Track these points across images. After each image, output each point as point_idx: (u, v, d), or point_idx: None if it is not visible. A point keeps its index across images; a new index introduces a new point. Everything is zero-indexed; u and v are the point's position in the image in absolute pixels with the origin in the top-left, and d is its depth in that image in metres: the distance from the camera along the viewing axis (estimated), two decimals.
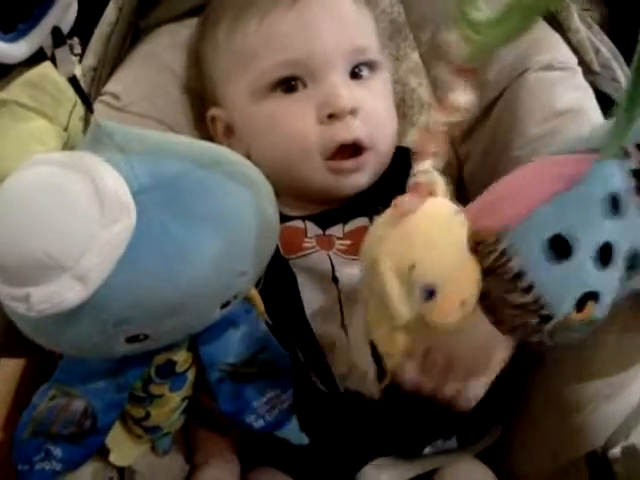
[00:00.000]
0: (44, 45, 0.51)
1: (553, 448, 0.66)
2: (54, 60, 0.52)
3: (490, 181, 0.53)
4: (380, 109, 0.73)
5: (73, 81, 0.51)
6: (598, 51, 0.76)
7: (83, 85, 0.56)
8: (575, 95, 0.73)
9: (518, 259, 0.47)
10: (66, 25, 0.52)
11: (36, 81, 0.56)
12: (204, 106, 0.78)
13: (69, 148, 0.58)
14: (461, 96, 0.48)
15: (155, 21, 0.80)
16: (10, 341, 0.56)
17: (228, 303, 0.55)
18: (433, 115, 0.49)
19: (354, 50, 0.72)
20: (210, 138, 0.76)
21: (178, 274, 0.49)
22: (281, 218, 0.58)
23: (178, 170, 0.51)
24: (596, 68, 0.76)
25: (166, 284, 0.49)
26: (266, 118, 0.72)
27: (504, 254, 0.48)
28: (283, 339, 0.64)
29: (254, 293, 0.63)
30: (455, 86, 0.48)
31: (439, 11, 0.79)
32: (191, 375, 0.62)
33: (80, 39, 0.75)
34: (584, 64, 0.76)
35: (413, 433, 0.68)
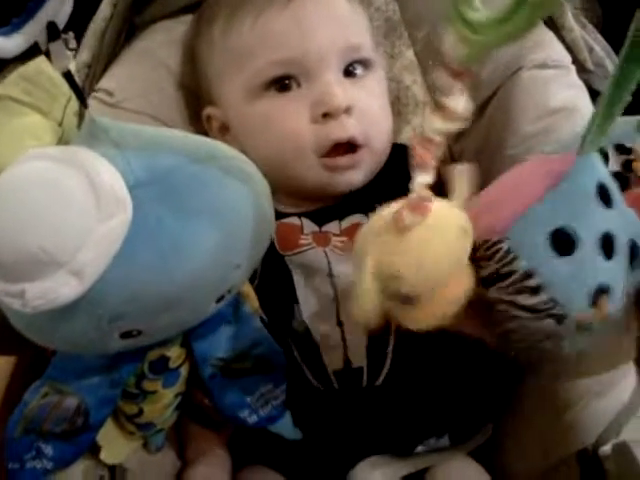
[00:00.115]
0: (39, 39, 0.51)
1: (544, 446, 0.66)
2: (49, 55, 0.51)
3: (484, 180, 0.53)
4: (374, 107, 0.73)
5: (68, 76, 0.51)
6: (592, 50, 0.76)
7: (77, 81, 0.56)
8: (569, 93, 0.73)
9: (524, 257, 0.47)
10: (61, 19, 0.51)
11: (31, 76, 0.56)
12: (199, 104, 0.78)
13: (64, 143, 0.58)
14: (459, 102, 0.48)
15: (150, 17, 0.79)
16: (1, 339, 0.56)
17: (222, 297, 0.55)
18: (430, 121, 0.48)
19: (348, 48, 0.72)
20: (205, 134, 0.75)
21: (174, 268, 0.49)
22: (277, 215, 0.58)
23: (174, 164, 0.51)
24: (590, 66, 0.76)
25: (162, 278, 0.49)
26: (260, 117, 0.72)
27: (509, 252, 0.48)
28: (278, 335, 0.64)
29: (249, 289, 0.63)
30: (453, 91, 0.48)
31: (434, 9, 0.79)
32: (184, 371, 0.61)
33: (74, 34, 0.74)
34: (578, 62, 0.76)
35: (406, 431, 0.68)
